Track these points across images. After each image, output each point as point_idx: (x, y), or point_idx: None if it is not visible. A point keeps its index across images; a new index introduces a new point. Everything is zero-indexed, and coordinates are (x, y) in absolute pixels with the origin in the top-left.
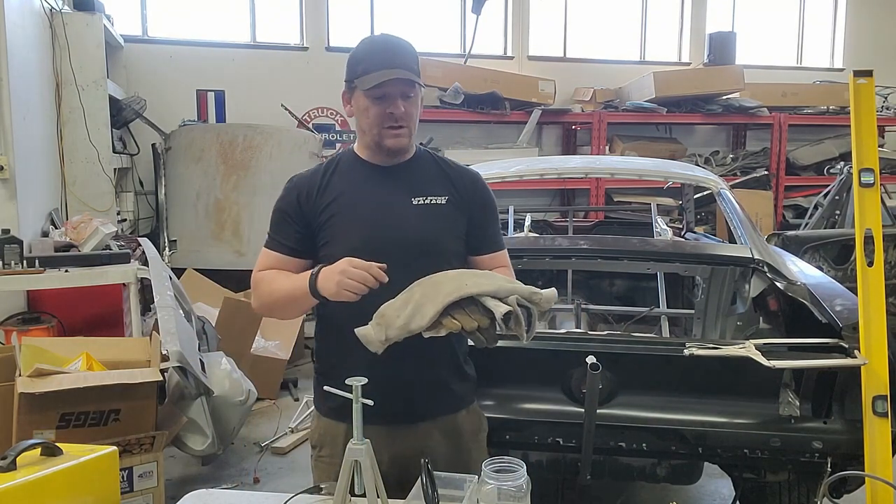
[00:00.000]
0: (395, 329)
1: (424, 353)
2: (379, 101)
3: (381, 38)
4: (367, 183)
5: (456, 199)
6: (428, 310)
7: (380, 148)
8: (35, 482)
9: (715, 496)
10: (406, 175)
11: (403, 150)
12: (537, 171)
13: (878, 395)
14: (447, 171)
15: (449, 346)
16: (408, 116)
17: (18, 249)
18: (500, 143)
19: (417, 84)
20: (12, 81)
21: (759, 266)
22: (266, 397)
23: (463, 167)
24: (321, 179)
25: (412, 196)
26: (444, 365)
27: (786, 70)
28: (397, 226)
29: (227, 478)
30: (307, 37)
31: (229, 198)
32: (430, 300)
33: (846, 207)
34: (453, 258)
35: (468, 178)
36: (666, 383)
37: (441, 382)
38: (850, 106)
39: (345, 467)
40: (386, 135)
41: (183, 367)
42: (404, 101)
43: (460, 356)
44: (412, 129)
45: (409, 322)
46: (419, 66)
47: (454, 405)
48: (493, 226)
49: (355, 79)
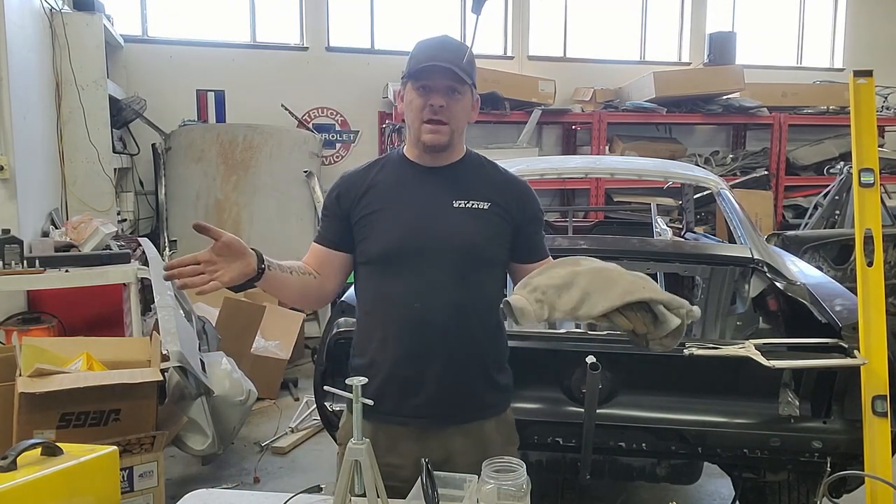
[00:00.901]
0: (559, 312)
1: (454, 354)
2: (422, 92)
3: (436, 37)
4: (408, 182)
5: (500, 207)
6: (600, 301)
7: (418, 143)
8: (35, 482)
9: (715, 496)
10: (450, 177)
11: (441, 147)
12: (537, 171)
13: (878, 395)
14: (495, 178)
15: (478, 351)
16: (449, 112)
17: (18, 249)
18: (500, 143)
19: (468, 85)
20: (12, 81)
21: (758, 266)
22: (266, 397)
23: (513, 176)
24: (367, 176)
25: (454, 199)
26: (472, 369)
27: (786, 70)
28: (434, 227)
29: (227, 478)
30: (307, 37)
31: (229, 198)
32: (601, 292)
33: (846, 207)
34: (492, 264)
35: (518, 188)
36: (666, 383)
37: (470, 388)
38: (850, 106)
39: (345, 467)
40: (425, 129)
41: (183, 367)
42: (447, 96)
43: (490, 363)
44: (454, 127)
45: (576, 308)
46: (473, 69)
47: (482, 412)
48: (540, 234)
49: (406, 73)
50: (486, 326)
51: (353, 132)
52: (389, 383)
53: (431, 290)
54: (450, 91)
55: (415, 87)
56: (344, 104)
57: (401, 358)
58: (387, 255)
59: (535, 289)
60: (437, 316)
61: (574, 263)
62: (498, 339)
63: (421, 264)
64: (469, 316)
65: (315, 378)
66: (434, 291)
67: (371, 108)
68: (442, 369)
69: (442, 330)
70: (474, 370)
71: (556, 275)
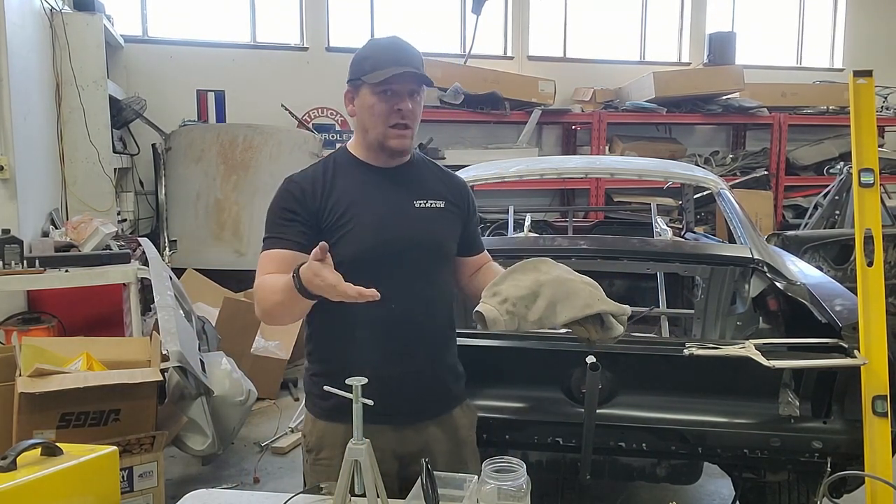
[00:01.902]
0: (529, 323)
1: (429, 350)
2: (386, 97)
3: (390, 38)
4: (371, 185)
5: (452, 204)
6: (564, 312)
7: (382, 148)
8: (35, 482)
9: (715, 496)
10: (407, 178)
11: (406, 151)
12: (537, 171)
13: (878, 395)
14: (441, 177)
15: (445, 345)
16: (413, 116)
17: (18, 249)
18: (500, 143)
19: (424, 86)
20: (12, 81)
21: (758, 266)
22: (266, 397)
23: (453, 174)
24: (324, 180)
25: (414, 199)
26: (443, 363)
27: (786, 70)
28: (404, 228)
29: (227, 478)
30: (307, 37)
31: (229, 198)
32: (565, 303)
33: (846, 207)
34: (449, 259)
35: (461, 184)
36: (666, 383)
37: (442, 382)
38: (850, 106)
39: (345, 467)
40: (391, 135)
41: (183, 367)
42: (411, 99)
43: (454, 354)
44: (415, 129)
45: (542, 319)
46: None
47: (452, 403)
48: (479, 229)
49: (363, 75)
50: (448, 320)
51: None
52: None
53: (405, 290)
54: (411, 94)
55: (376, 91)
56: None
57: (380, 358)
58: (360, 257)
59: (506, 300)
60: (412, 314)
61: (535, 270)
62: (454, 333)
63: (393, 265)
64: (437, 312)
65: None
66: (408, 291)
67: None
68: (420, 366)
69: (418, 328)
70: (445, 363)
71: (521, 284)
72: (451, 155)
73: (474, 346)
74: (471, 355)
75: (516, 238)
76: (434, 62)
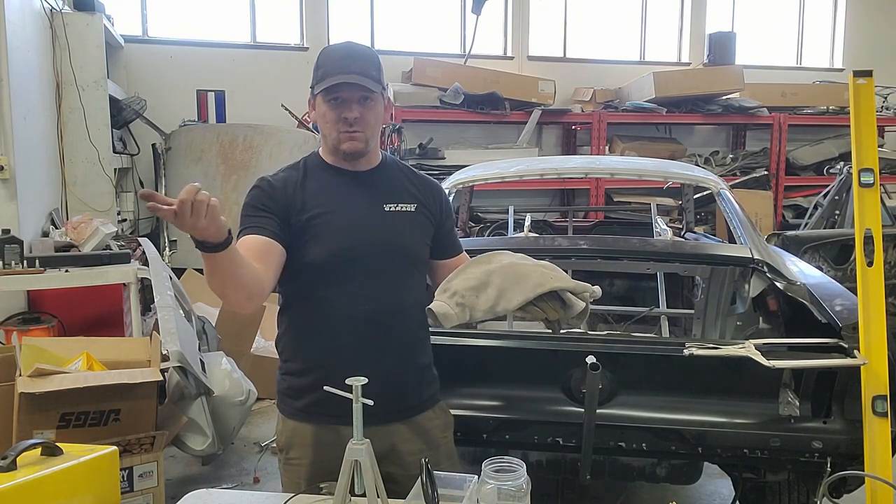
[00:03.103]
0: (479, 312)
1: (397, 353)
2: (334, 104)
3: (342, 45)
4: (341, 189)
5: (423, 208)
6: (515, 296)
7: (337, 151)
8: (35, 482)
9: (715, 496)
10: (376, 182)
11: (359, 154)
12: (537, 171)
13: (878, 395)
14: (413, 180)
15: (416, 347)
16: (363, 121)
17: (18, 249)
18: (500, 143)
19: (378, 91)
20: (12, 81)
21: (758, 266)
22: (266, 397)
23: (425, 176)
24: (294, 180)
25: (383, 203)
26: (413, 365)
27: (785, 70)
28: (371, 231)
29: (227, 478)
30: (307, 37)
31: (229, 198)
32: (515, 287)
33: (846, 207)
34: (421, 263)
35: (434, 188)
36: (666, 383)
37: (411, 384)
38: (850, 106)
39: (345, 467)
40: (342, 138)
41: (183, 367)
42: (360, 106)
43: (425, 357)
44: (369, 134)
45: (494, 306)
46: (381, 74)
47: (422, 405)
48: (454, 231)
49: (315, 84)
50: (420, 323)
51: None
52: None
53: (375, 293)
54: (362, 100)
55: (326, 99)
56: None
57: (350, 360)
58: (330, 260)
59: (455, 293)
60: (381, 317)
61: (487, 262)
62: (427, 334)
63: (362, 268)
64: (406, 315)
65: None
66: (377, 294)
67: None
68: (389, 369)
69: (386, 330)
70: (415, 366)
71: (471, 276)
72: (451, 155)
73: (474, 347)
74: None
75: (516, 238)
76: (434, 62)
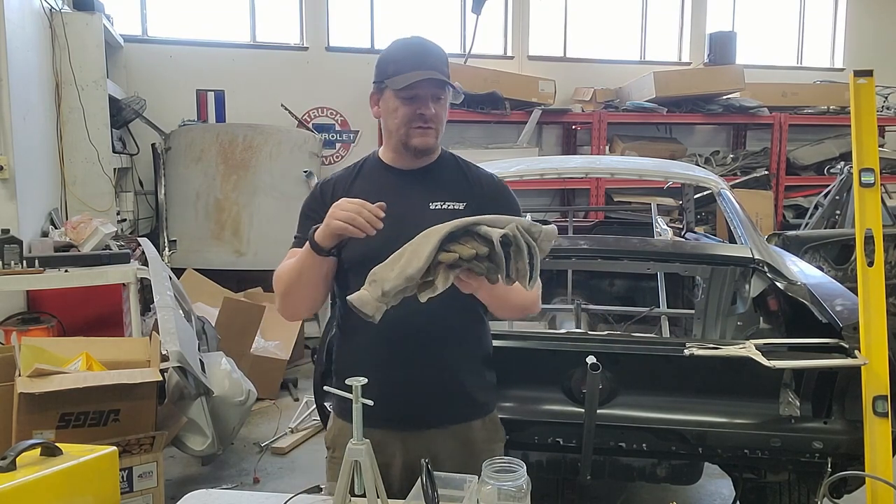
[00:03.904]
0: (390, 281)
1: (436, 357)
2: (409, 101)
3: (414, 40)
4: (386, 187)
5: (475, 206)
6: (424, 249)
7: (406, 148)
8: (35, 482)
9: (715, 496)
10: (427, 180)
11: (430, 150)
12: (537, 171)
13: (879, 395)
14: (470, 177)
15: (459, 353)
16: (437, 118)
17: (18, 249)
18: (500, 143)
19: (448, 87)
20: (12, 81)
21: (759, 266)
22: (266, 397)
23: (486, 173)
24: (347, 182)
25: (430, 201)
26: (455, 371)
27: (786, 70)
28: (410, 230)
29: (227, 478)
30: (307, 37)
31: (229, 198)
32: (424, 242)
33: (846, 207)
34: None
35: (493, 186)
36: (666, 383)
37: (456, 390)
38: (851, 106)
39: (345, 467)
40: (414, 133)
41: (183, 367)
42: (434, 102)
43: (472, 363)
44: (439, 130)
45: (404, 269)
46: (449, 70)
47: (468, 414)
48: None
49: (386, 79)
50: (465, 327)
51: (353, 132)
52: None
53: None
54: (436, 98)
55: (400, 95)
56: (344, 104)
57: (384, 363)
58: (361, 260)
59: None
60: (417, 320)
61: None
62: (479, 339)
63: None
64: (447, 318)
65: (315, 378)
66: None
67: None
68: (425, 373)
69: (423, 334)
70: (457, 372)
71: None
72: None
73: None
74: None
75: None
76: None
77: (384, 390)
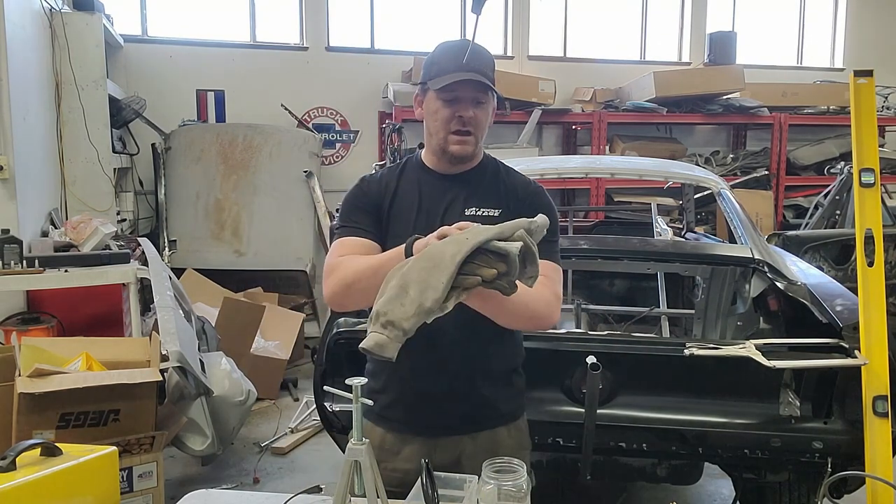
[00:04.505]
0: (409, 320)
1: (465, 364)
2: (449, 103)
3: (460, 42)
4: (423, 190)
5: (511, 213)
6: (439, 279)
7: (444, 153)
8: (35, 482)
9: (715, 496)
10: (464, 185)
11: (467, 158)
12: (537, 171)
13: (879, 396)
14: (509, 183)
15: (489, 360)
16: (476, 122)
17: (18, 249)
18: (500, 143)
19: (491, 92)
20: (12, 81)
21: (759, 266)
22: (266, 397)
23: (523, 179)
24: (388, 181)
25: (465, 206)
26: (484, 378)
27: (786, 70)
28: None
29: (227, 478)
30: (307, 37)
31: (229, 198)
32: (435, 271)
33: (846, 207)
34: None
35: (531, 193)
36: (666, 383)
37: (481, 398)
38: (851, 106)
39: (344, 467)
40: (451, 140)
41: (183, 367)
42: (475, 106)
43: (501, 370)
44: (479, 136)
45: (421, 304)
46: (495, 75)
47: (496, 421)
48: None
49: (429, 80)
50: (495, 334)
51: (353, 132)
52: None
53: None
54: (477, 102)
55: (440, 96)
56: (344, 104)
57: (413, 370)
58: None
59: (379, 315)
60: (446, 326)
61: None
62: (510, 346)
63: None
64: (477, 325)
65: (315, 378)
66: None
67: (371, 108)
68: (454, 380)
69: (453, 340)
70: (486, 379)
71: (389, 289)
72: None
73: None
74: None
75: None
76: None
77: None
